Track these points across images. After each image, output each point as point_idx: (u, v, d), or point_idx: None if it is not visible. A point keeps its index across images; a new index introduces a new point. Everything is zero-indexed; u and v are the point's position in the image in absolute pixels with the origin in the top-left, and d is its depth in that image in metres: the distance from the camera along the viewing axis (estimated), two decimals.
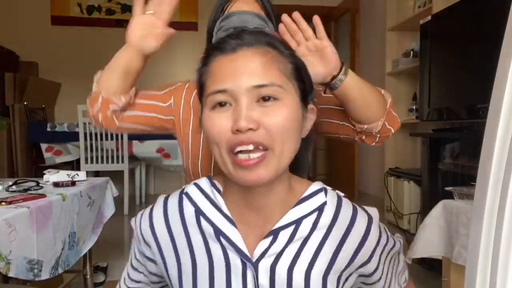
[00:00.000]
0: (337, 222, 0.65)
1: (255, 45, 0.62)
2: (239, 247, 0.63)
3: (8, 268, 1.20)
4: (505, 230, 0.40)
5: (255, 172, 0.59)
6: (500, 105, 0.42)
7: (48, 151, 3.86)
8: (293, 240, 0.64)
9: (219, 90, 0.60)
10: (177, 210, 0.68)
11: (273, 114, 0.59)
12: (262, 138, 0.58)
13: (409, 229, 3.03)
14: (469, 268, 0.45)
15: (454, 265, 1.49)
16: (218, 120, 0.60)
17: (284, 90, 0.61)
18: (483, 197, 0.44)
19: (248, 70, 0.60)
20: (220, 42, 0.65)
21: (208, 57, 0.65)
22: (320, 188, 0.68)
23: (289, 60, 0.64)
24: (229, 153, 0.60)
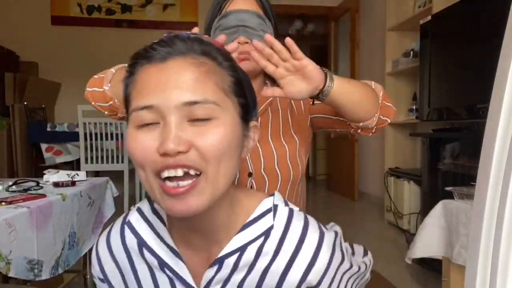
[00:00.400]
0: (283, 248, 0.60)
1: (188, 54, 0.54)
2: (185, 279, 0.61)
3: (8, 268, 1.20)
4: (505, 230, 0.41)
5: (185, 201, 0.52)
6: (500, 105, 0.42)
7: (48, 151, 3.86)
8: (238, 268, 0.60)
9: (144, 106, 0.52)
10: (120, 242, 0.65)
11: (207, 135, 0.52)
12: (194, 161, 0.51)
13: (409, 229, 3.03)
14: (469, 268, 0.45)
15: (454, 265, 1.49)
16: (143, 140, 0.52)
17: (220, 107, 0.53)
18: (483, 197, 0.44)
19: (178, 83, 0.52)
20: (148, 48, 0.56)
21: (134, 66, 0.56)
22: (269, 208, 0.62)
23: (229, 72, 0.57)
24: (156, 178, 0.52)
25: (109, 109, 1.01)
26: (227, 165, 0.54)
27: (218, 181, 0.53)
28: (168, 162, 0.50)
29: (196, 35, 0.58)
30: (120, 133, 3.60)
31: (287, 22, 6.33)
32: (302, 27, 6.45)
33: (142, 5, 4.92)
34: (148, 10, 4.93)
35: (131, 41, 4.92)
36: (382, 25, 3.82)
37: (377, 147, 4.12)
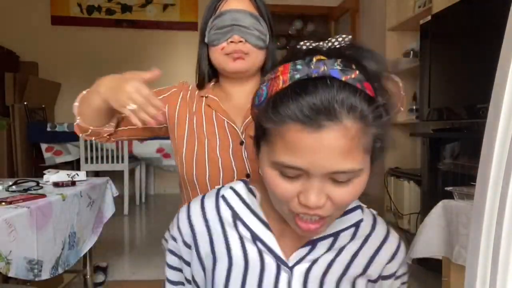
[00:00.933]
0: (373, 234, 0.69)
1: (343, 118, 0.51)
2: (275, 252, 0.65)
3: (8, 268, 1.20)
4: (505, 230, 0.40)
5: (313, 232, 0.59)
6: (500, 105, 0.42)
7: (48, 151, 3.86)
8: (332, 249, 0.66)
9: (293, 167, 0.54)
10: (215, 210, 0.69)
11: (346, 191, 0.56)
12: (328, 213, 0.57)
13: (409, 229, 3.03)
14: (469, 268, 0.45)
15: (454, 265, 1.49)
16: (285, 186, 0.56)
17: (363, 171, 0.56)
18: (483, 197, 0.44)
19: (330, 154, 0.52)
20: (305, 112, 0.51)
21: (280, 114, 0.53)
22: (357, 206, 0.70)
23: (375, 129, 0.55)
24: (291, 212, 0.58)
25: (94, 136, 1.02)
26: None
27: (338, 215, 0.62)
28: (307, 211, 0.56)
29: (349, 77, 0.53)
30: None
31: (287, 22, 6.33)
32: (302, 27, 6.45)
33: (142, 5, 4.92)
34: (148, 10, 4.93)
35: (131, 41, 4.93)
36: (382, 25, 3.82)
37: None
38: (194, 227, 0.69)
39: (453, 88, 2.42)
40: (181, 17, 4.95)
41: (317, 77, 0.53)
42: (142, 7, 4.93)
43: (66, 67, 4.78)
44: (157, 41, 4.92)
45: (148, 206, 4.21)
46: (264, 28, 1.00)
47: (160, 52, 4.91)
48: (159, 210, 4.23)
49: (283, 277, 0.65)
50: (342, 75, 0.53)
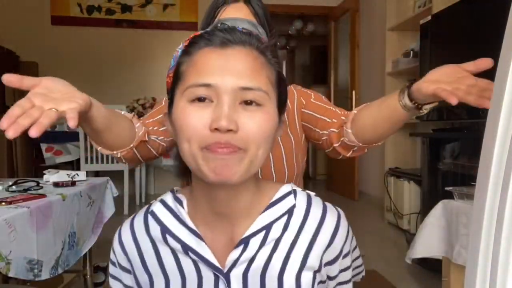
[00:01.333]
0: (307, 222, 0.65)
1: (246, 46, 0.60)
2: (209, 260, 0.62)
3: (8, 268, 1.20)
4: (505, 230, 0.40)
5: (226, 164, 0.55)
6: (500, 105, 0.42)
7: (48, 151, 3.86)
8: (264, 245, 0.63)
9: (203, 84, 0.57)
10: (144, 229, 0.68)
11: (255, 119, 0.57)
12: (239, 143, 0.56)
13: (409, 229, 3.03)
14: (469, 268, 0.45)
15: (454, 265, 1.49)
16: (195, 115, 0.56)
17: (269, 97, 0.59)
18: (483, 197, 0.44)
19: (237, 69, 0.57)
20: (208, 33, 0.61)
21: (192, 47, 0.61)
22: (289, 191, 0.67)
23: (275, 68, 0.63)
24: (201, 149, 0.56)
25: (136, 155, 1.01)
26: (264, 149, 0.59)
27: (256, 160, 0.58)
28: (218, 139, 0.55)
29: (250, 31, 0.63)
30: None
31: (287, 22, 6.33)
32: (302, 27, 6.45)
33: (142, 5, 4.92)
34: (148, 10, 4.93)
35: (131, 41, 4.92)
36: (382, 25, 3.82)
37: (377, 148, 4.12)
38: (127, 251, 0.69)
39: None
40: (181, 17, 4.95)
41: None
42: (142, 7, 4.93)
43: (66, 67, 4.78)
44: (157, 41, 4.92)
45: None
46: (262, 35, 1.00)
47: (160, 52, 4.91)
48: None
49: (222, 285, 0.62)
50: (243, 29, 0.63)
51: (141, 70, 4.89)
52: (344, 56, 4.93)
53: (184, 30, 4.93)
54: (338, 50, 5.14)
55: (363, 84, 4.55)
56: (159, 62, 4.91)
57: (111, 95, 4.76)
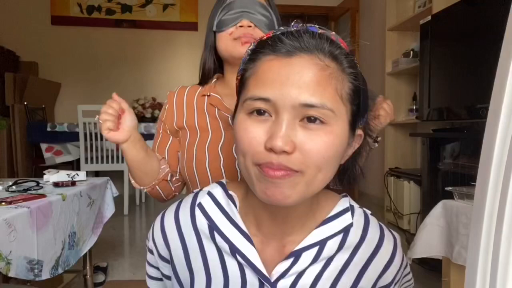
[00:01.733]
0: (364, 243, 0.62)
1: (314, 52, 0.53)
2: (256, 266, 0.59)
3: (8, 268, 1.20)
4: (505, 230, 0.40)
5: (280, 189, 0.52)
6: (500, 105, 0.42)
7: (48, 151, 3.86)
8: (317, 261, 0.60)
9: (261, 98, 0.52)
10: (190, 222, 0.64)
11: (316, 140, 0.51)
12: (295, 164, 0.51)
13: (409, 229, 3.03)
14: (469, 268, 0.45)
15: (454, 265, 1.49)
16: (252, 129, 0.53)
17: (335, 115, 0.52)
18: (483, 197, 0.44)
19: (299, 82, 0.51)
20: (274, 38, 0.55)
21: (256, 54, 0.56)
22: (347, 208, 0.63)
23: (350, 79, 0.55)
24: (255, 165, 0.53)
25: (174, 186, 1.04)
26: (326, 173, 0.54)
27: (313, 184, 0.54)
28: (271, 160, 0.51)
29: (325, 31, 0.57)
30: None
31: (287, 22, 6.33)
32: None
33: (142, 5, 4.92)
34: (148, 10, 4.93)
35: (131, 41, 4.93)
36: (382, 25, 3.82)
37: (377, 147, 4.12)
38: (169, 241, 0.65)
39: (453, 88, 2.42)
40: (181, 17, 4.95)
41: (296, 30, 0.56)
42: (142, 7, 4.93)
43: (66, 67, 4.78)
44: (157, 41, 4.92)
45: (148, 206, 4.21)
46: (273, 18, 1.01)
47: (160, 52, 4.91)
48: (159, 210, 4.23)
49: None
50: (319, 29, 0.56)
51: (141, 70, 4.89)
52: None
53: (184, 30, 4.93)
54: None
55: None
56: (159, 62, 4.91)
57: (111, 95, 4.76)
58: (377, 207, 3.94)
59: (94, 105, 3.78)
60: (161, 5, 4.94)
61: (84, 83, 4.80)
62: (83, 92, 4.78)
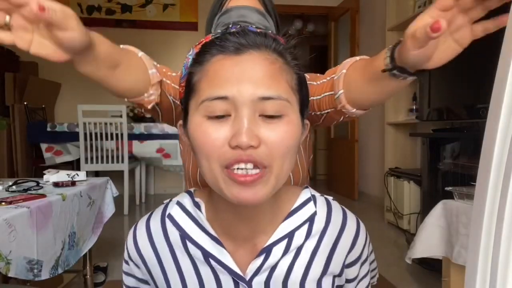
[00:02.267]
0: (329, 227, 0.64)
1: (262, 49, 0.55)
2: (230, 268, 0.61)
3: (8, 268, 1.20)
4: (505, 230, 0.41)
5: (252, 190, 0.53)
6: (500, 105, 0.42)
7: (48, 151, 3.86)
8: (287, 252, 0.62)
9: (219, 97, 0.52)
10: (161, 233, 0.65)
11: (278, 131, 0.53)
12: (263, 157, 0.52)
13: (409, 229, 3.03)
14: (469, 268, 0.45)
15: (454, 265, 1.49)
16: (212, 131, 0.53)
17: (290, 104, 0.55)
18: (483, 197, 0.44)
19: (254, 77, 0.52)
20: (220, 39, 0.56)
21: (204, 55, 0.56)
22: (309, 198, 0.66)
23: (295, 71, 0.58)
24: (222, 169, 0.53)
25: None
26: (290, 161, 0.56)
27: (281, 175, 0.55)
28: (240, 156, 0.51)
29: (264, 30, 0.58)
30: (120, 133, 3.60)
31: (287, 22, 6.33)
32: (302, 27, 6.45)
33: (142, 5, 4.92)
34: (148, 10, 4.93)
35: (131, 41, 4.89)
36: (382, 25, 3.82)
37: (377, 147, 4.12)
38: (144, 256, 0.65)
39: (453, 88, 2.42)
40: (181, 17, 4.95)
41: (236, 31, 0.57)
42: (142, 7, 4.93)
43: (66, 67, 4.74)
44: (157, 41, 4.92)
45: (148, 206, 4.21)
46: (270, 25, 0.99)
47: (160, 52, 4.91)
48: None
49: None
50: (257, 29, 0.58)
51: None
52: (344, 56, 4.93)
53: (184, 30, 4.93)
54: (338, 50, 5.14)
55: None
56: (159, 62, 4.89)
57: (111, 95, 4.76)
58: (377, 207, 3.94)
59: (94, 105, 3.78)
60: (161, 5, 4.94)
61: (84, 83, 4.80)
62: (83, 92, 4.79)
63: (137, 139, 3.79)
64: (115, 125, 3.58)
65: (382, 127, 3.81)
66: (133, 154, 3.88)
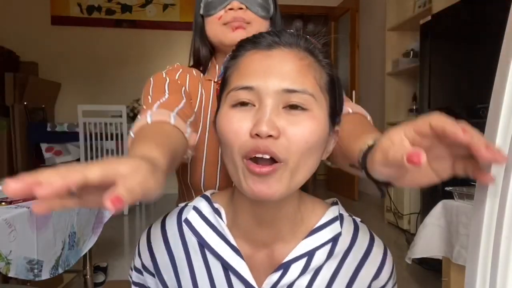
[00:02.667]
0: (352, 251, 0.62)
1: (293, 47, 0.56)
2: (246, 279, 0.59)
3: (8, 268, 1.20)
4: (505, 230, 0.41)
5: (266, 182, 0.52)
6: (500, 105, 0.42)
7: (48, 151, 3.86)
8: (305, 272, 0.60)
9: (244, 87, 0.54)
10: (179, 238, 0.63)
11: (300, 125, 0.52)
12: (280, 150, 0.51)
13: (409, 229, 3.03)
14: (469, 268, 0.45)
15: (454, 265, 1.49)
16: (236, 120, 0.53)
17: (316, 101, 0.54)
18: (483, 197, 0.44)
19: (281, 71, 0.54)
20: (256, 36, 0.58)
21: (238, 51, 0.59)
22: (336, 216, 0.63)
23: (326, 71, 0.58)
24: (242, 159, 0.53)
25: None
26: (309, 160, 0.55)
27: (297, 172, 0.54)
28: (258, 145, 0.51)
29: (300, 33, 0.60)
30: (120, 133, 3.60)
31: (287, 22, 6.33)
32: (302, 27, 6.45)
33: (142, 5, 4.92)
34: (148, 10, 4.93)
35: (131, 41, 4.93)
36: (382, 25, 3.82)
37: None
38: (156, 258, 0.63)
39: (453, 88, 2.42)
40: (181, 17, 4.95)
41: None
42: (142, 7, 4.93)
43: (66, 67, 4.78)
44: (157, 41, 4.92)
45: (148, 206, 4.21)
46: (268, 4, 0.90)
47: (160, 52, 4.91)
48: (159, 210, 4.23)
49: None
50: (295, 31, 0.59)
51: (141, 70, 4.89)
52: (344, 56, 4.93)
53: (184, 30, 4.92)
54: (338, 50, 5.14)
55: (363, 84, 4.54)
56: (159, 62, 4.91)
57: (111, 95, 4.76)
58: (377, 207, 3.94)
59: (94, 105, 3.78)
60: (161, 5, 4.94)
61: (84, 83, 4.80)
62: (83, 92, 4.78)
63: None
64: (115, 125, 3.58)
65: (382, 127, 3.81)
66: None
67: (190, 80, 0.88)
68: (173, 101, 0.75)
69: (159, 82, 0.83)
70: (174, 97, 0.77)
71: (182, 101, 0.76)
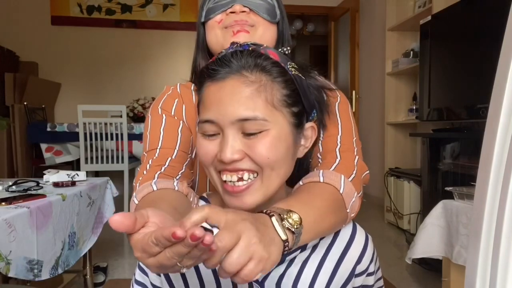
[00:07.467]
0: (337, 240, 0.69)
1: (244, 72, 0.60)
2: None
3: (8, 268, 1.20)
4: (505, 230, 0.41)
5: (240, 199, 0.60)
6: (500, 105, 0.42)
7: (48, 151, 3.85)
8: (294, 262, 0.67)
9: (206, 120, 0.61)
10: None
11: (257, 146, 0.59)
12: (248, 166, 0.59)
13: (409, 229, 3.03)
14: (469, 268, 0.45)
15: (454, 265, 1.49)
16: (207, 146, 0.61)
17: (269, 122, 0.59)
18: (483, 197, 0.44)
19: (232, 101, 0.59)
20: (210, 68, 0.62)
21: (201, 83, 0.64)
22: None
23: (282, 86, 0.61)
24: (218, 175, 0.62)
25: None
26: (280, 168, 0.61)
27: (271, 182, 0.61)
28: (225, 168, 0.60)
29: (256, 47, 0.63)
30: (120, 133, 3.60)
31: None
32: (302, 27, 6.45)
33: (142, 5, 4.92)
34: (148, 10, 4.93)
35: (131, 41, 4.92)
36: (382, 25, 3.82)
37: (377, 147, 4.12)
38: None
39: (453, 88, 2.42)
40: (181, 17, 4.95)
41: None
42: (142, 7, 4.92)
43: (66, 67, 4.78)
44: (157, 41, 4.92)
45: None
46: (273, 2, 0.86)
47: (160, 52, 4.91)
48: None
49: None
50: (251, 46, 0.63)
51: (141, 70, 4.89)
52: (344, 56, 4.93)
53: (184, 30, 4.92)
54: (338, 50, 5.14)
55: (363, 84, 4.54)
56: (159, 62, 4.91)
57: (111, 95, 4.76)
58: (377, 207, 3.94)
59: (94, 105, 3.78)
60: (161, 5, 4.94)
61: (84, 83, 4.80)
62: (83, 92, 4.78)
63: (137, 139, 3.78)
64: (115, 125, 3.57)
65: (382, 127, 3.81)
66: (133, 154, 3.87)
67: (187, 111, 0.85)
68: (165, 153, 0.78)
69: (156, 123, 0.83)
70: (167, 142, 0.79)
71: (175, 150, 0.78)
